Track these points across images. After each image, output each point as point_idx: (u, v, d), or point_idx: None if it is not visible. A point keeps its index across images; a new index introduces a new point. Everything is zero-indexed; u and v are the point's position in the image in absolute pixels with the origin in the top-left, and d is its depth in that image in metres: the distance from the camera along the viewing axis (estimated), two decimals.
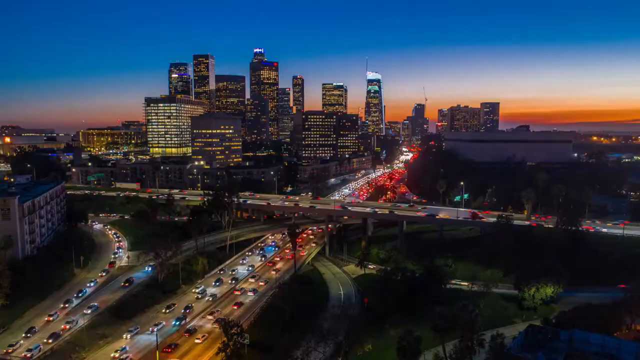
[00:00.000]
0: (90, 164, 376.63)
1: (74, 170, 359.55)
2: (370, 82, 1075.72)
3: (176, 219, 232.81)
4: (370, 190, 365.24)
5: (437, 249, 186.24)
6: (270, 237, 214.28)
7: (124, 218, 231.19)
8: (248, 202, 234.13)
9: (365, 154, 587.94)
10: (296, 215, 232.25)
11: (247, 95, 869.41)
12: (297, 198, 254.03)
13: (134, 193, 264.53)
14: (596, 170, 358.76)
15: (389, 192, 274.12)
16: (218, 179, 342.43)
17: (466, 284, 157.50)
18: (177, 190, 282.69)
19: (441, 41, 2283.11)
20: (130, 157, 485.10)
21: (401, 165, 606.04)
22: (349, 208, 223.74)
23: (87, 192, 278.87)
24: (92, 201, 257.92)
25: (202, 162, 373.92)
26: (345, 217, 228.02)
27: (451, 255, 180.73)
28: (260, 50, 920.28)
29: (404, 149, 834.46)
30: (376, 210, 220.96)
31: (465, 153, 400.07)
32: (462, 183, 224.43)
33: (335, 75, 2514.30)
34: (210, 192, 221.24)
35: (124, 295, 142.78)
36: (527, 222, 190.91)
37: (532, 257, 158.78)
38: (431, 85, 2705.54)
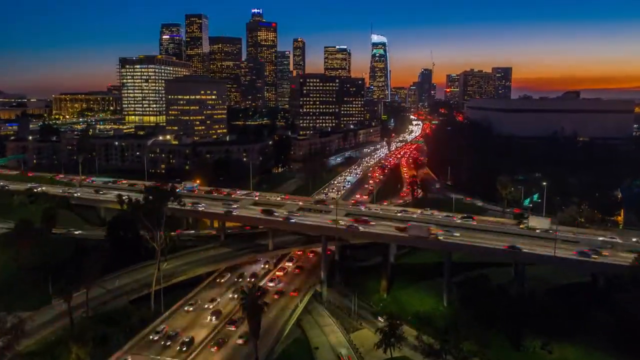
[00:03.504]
0: (30, 137, 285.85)
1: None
2: (375, 45, 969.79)
3: (95, 231, 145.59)
4: (383, 173, 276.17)
5: (514, 307, 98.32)
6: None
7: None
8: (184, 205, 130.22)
9: (373, 123, 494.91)
10: (286, 230, 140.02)
11: (244, 58, 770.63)
12: (278, 198, 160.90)
13: (43, 187, 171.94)
14: None
15: (416, 188, 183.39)
16: (187, 159, 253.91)
17: None
18: (109, 180, 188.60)
19: (448, 4, 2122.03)
20: (93, 127, 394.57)
21: (412, 137, 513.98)
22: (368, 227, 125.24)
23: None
24: None
25: (168, 136, 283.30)
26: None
27: (544, 323, 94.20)
28: (258, 10, 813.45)
29: (412, 117, 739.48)
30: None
31: (499, 126, 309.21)
32: (544, 183, 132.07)
33: (338, 39, 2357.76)
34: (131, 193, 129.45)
35: None
36: None
37: None
38: (437, 49, 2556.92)
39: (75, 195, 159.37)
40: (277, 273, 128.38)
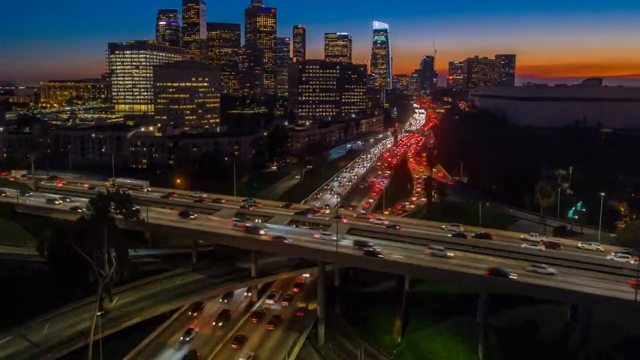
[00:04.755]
0: (2, 128, 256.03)
1: None
2: (376, 32, 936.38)
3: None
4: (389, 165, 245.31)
5: None
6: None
7: None
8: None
9: (376, 112, 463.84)
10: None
11: (243, 45, 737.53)
12: (264, 206, 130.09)
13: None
14: None
15: (434, 192, 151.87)
16: (171, 153, 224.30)
17: None
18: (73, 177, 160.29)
19: None
20: (75, 116, 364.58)
21: (416, 127, 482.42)
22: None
23: None
24: None
25: (151, 128, 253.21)
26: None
27: None
28: None
29: (415, 105, 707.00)
30: None
31: (513, 115, 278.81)
32: (603, 194, 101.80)
33: (339, 28, 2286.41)
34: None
35: None
36: None
37: None
38: (438, 38, 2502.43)
39: (22, 202, 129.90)
40: (267, 301, 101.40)
